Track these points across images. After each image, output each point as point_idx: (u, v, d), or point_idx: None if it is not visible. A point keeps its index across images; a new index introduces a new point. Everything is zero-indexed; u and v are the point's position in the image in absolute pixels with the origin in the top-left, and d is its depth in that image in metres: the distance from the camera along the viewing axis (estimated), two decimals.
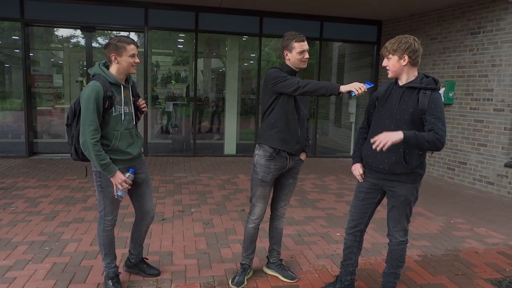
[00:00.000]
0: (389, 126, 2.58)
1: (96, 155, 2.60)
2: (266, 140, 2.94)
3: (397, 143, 2.41)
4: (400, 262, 2.79)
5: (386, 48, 2.56)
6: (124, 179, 2.70)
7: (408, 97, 2.56)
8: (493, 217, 5.11)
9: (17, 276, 3.12)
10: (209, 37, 9.46)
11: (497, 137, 6.44)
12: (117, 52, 2.69)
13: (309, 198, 5.65)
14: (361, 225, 2.84)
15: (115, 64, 2.73)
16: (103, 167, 2.64)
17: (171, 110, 9.71)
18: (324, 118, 10.37)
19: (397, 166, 2.58)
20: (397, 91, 2.63)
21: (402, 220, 2.71)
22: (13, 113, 8.46)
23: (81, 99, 2.62)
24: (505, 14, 6.31)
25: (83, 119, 2.59)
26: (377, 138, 2.42)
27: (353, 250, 2.90)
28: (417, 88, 2.54)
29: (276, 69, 2.91)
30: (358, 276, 3.29)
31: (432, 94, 2.50)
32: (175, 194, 5.61)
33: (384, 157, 2.61)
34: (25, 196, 5.25)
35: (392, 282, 2.82)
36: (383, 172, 2.66)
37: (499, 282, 3.31)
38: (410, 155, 2.57)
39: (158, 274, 3.20)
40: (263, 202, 3.04)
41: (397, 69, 2.58)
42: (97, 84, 2.63)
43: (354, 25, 8.98)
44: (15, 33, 8.11)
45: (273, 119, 2.92)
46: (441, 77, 7.50)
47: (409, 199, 2.65)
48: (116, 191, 2.71)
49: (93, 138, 2.59)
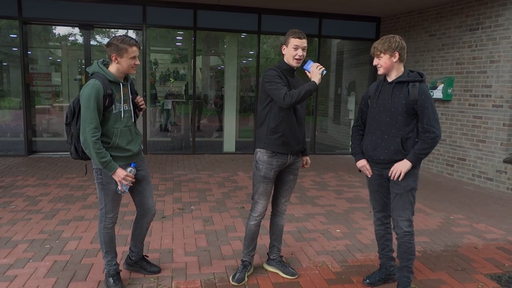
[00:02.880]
0: (385, 119, 2.83)
1: (97, 153, 2.60)
2: (268, 144, 2.95)
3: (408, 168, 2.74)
4: (410, 254, 2.87)
5: (377, 48, 2.79)
6: (126, 174, 2.71)
7: (398, 91, 2.80)
8: (492, 213, 5.13)
9: (18, 274, 3.12)
10: (207, 34, 9.44)
11: (496, 133, 6.46)
12: (118, 53, 2.69)
13: (308, 195, 5.66)
14: (386, 211, 3.04)
15: (115, 64, 2.74)
16: (104, 164, 2.64)
17: (170, 108, 9.70)
18: (323, 115, 10.38)
19: (396, 154, 2.80)
20: (388, 87, 2.86)
21: (406, 208, 2.81)
22: (11, 112, 8.44)
23: (81, 97, 2.61)
24: (504, 10, 6.31)
25: (84, 118, 2.59)
26: (391, 172, 2.79)
27: (387, 238, 3.09)
28: (406, 82, 2.79)
29: (273, 71, 2.91)
30: (358, 272, 3.32)
31: (420, 85, 2.76)
32: (174, 192, 5.61)
33: (384, 149, 2.84)
34: (25, 194, 5.25)
35: (406, 276, 2.90)
36: (384, 163, 2.86)
37: (499, 277, 3.33)
38: (408, 144, 2.80)
39: (159, 271, 3.21)
40: (265, 199, 3.05)
41: (389, 66, 2.80)
42: (97, 82, 2.62)
43: (353, 22, 8.97)
44: (13, 31, 8.08)
45: (273, 123, 2.92)
46: (439, 73, 7.51)
47: (411, 185, 2.79)
48: (121, 186, 2.72)
49: (94, 136, 2.59)
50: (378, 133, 2.87)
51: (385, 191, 2.98)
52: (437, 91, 7.28)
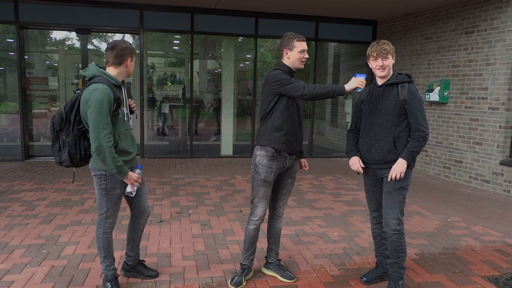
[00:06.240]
0: (377, 121, 2.93)
1: (113, 158, 2.61)
2: (272, 141, 2.94)
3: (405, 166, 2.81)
4: (400, 252, 2.94)
5: (386, 50, 2.85)
6: (138, 176, 2.77)
7: (388, 93, 2.91)
8: (489, 215, 5.14)
9: (15, 279, 3.11)
10: (204, 38, 9.46)
11: (492, 135, 6.49)
12: (131, 57, 2.78)
13: (306, 198, 5.66)
14: (381, 211, 3.08)
15: (124, 68, 2.78)
16: (119, 169, 2.65)
17: (167, 111, 9.70)
18: (320, 118, 10.40)
19: (389, 154, 2.89)
20: (378, 90, 2.97)
21: (395, 206, 2.89)
22: (8, 116, 8.41)
23: (90, 103, 2.57)
24: (499, 13, 6.36)
25: (96, 123, 2.56)
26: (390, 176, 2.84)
27: (383, 236, 3.14)
28: (395, 84, 2.90)
29: (279, 71, 2.93)
30: (356, 275, 3.32)
31: (409, 86, 2.87)
32: (172, 196, 5.60)
33: (377, 149, 2.94)
34: (22, 199, 5.23)
35: (397, 272, 2.99)
36: (378, 163, 2.95)
37: (496, 280, 3.33)
38: (400, 143, 2.89)
39: (156, 275, 3.20)
40: (265, 203, 3.05)
41: (391, 67, 2.92)
42: (106, 87, 2.61)
43: (349, 25, 9.02)
44: (9, 35, 8.07)
45: (279, 121, 2.93)
46: (436, 76, 7.54)
47: (400, 184, 2.87)
48: (132, 188, 2.77)
49: (109, 141, 2.59)
50: (371, 134, 2.96)
51: (379, 191, 3.07)
52: (434, 93, 7.31)
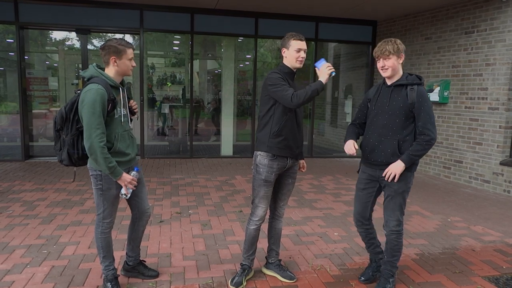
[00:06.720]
0: (383, 122, 2.87)
1: (105, 158, 2.60)
2: (271, 148, 2.95)
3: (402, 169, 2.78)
4: (395, 252, 2.97)
5: (387, 50, 2.79)
6: (132, 178, 2.75)
7: (397, 94, 2.84)
8: (489, 215, 5.14)
9: (15, 280, 3.11)
10: (204, 38, 9.46)
11: (492, 135, 6.49)
12: (117, 55, 2.71)
13: (306, 198, 5.67)
14: (365, 213, 3.07)
15: (113, 67, 2.74)
16: (111, 169, 2.64)
17: (167, 112, 9.70)
18: (320, 118, 10.39)
19: (393, 157, 2.84)
20: (386, 90, 2.91)
21: (396, 209, 2.90)
22: (8, 117, 8.41)
23: (84, 103, 2.58)
24: (499, 14, 6.36)
25: (89, 123, 2.57)
26: (386, 173, 2.83)
27: (371, 237, 3.15)
28: (404, 85, 2.83)
29: (277, 74, 2.92)
30: (356, 275, 3.32)
31: (419, 88, 2.80)
32: (172, 196, 5.61)
33: (381, 151, 2.88)
34: (22, 199, 5.23)
35: (389, 270, 3.02)
36: (380, 165, 2.90)
37: (497, 280, 3.33)
38: (405, 147, 2.83)
39: (157, 276, 3.20)
40: (266, 203, 3.05)
41: (396, 67, 2.83)
42: (100, 87, 2.61)
43: (349, 25, 9.02)
44: (9, 36, 8.07)
45: (277, 126, 2.93)
46: (436, 76, 7.54)
47: (403, 188, 2.86)
48: (126, 190, 2.76)
49: (101, 141, 2.59)
50: (376, 135, 2.91)
51: (370, 192, 3.02)
52: (434, 94, 7.31)
